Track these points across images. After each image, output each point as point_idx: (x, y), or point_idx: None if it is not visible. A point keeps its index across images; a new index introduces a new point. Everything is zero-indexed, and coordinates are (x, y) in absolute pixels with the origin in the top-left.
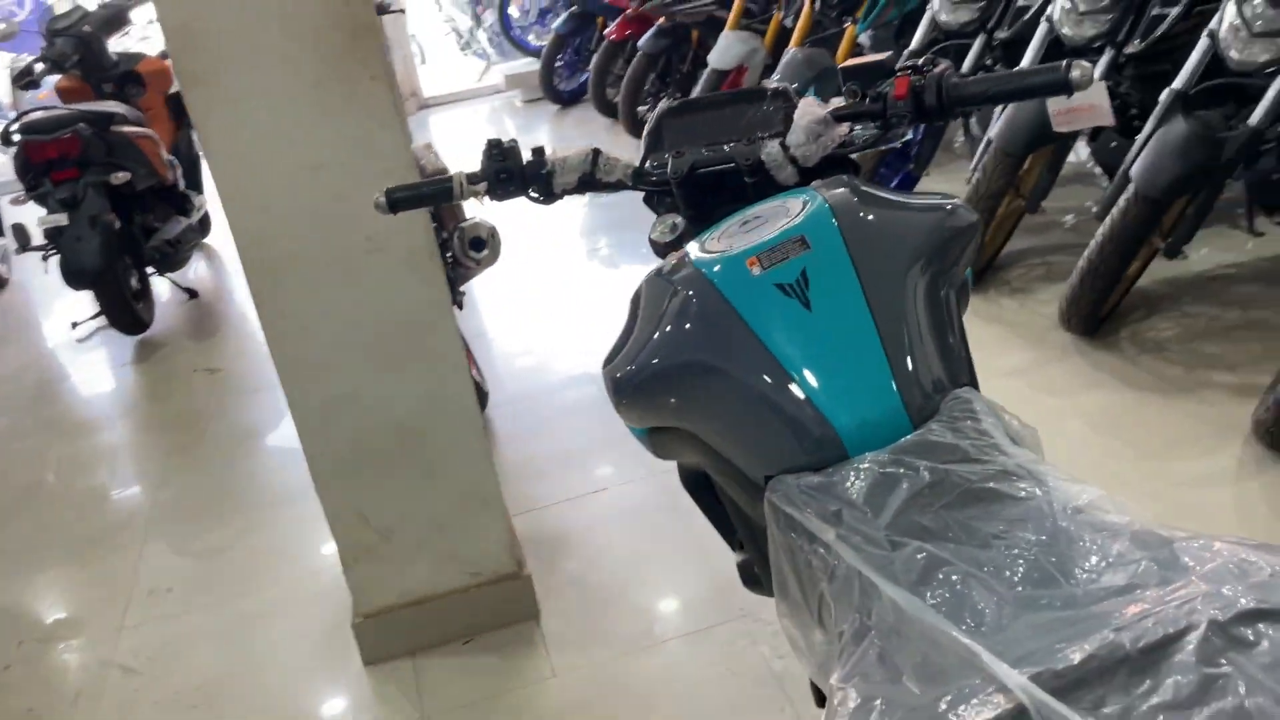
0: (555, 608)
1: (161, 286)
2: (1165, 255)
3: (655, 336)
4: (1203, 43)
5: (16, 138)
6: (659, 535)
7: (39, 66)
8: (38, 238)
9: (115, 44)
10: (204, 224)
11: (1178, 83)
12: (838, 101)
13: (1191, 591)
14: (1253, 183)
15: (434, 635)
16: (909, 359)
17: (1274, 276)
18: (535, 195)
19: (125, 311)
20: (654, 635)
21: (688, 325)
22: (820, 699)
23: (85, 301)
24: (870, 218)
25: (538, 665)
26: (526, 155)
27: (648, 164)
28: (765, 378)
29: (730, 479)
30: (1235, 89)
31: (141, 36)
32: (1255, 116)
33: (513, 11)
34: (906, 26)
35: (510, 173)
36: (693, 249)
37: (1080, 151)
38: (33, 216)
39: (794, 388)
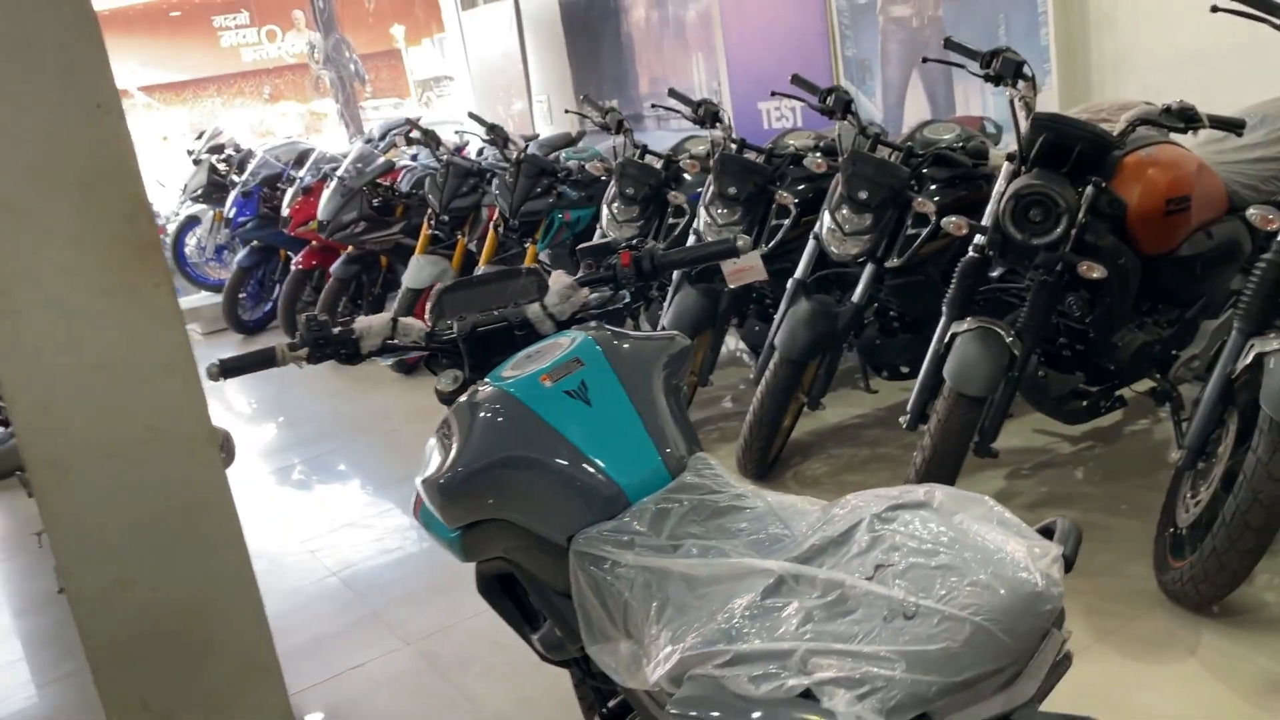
0: None
1: None
2: (809, 408)
3: (470, 445)
4: (811, 242)
5: None
6: (436, 693)
7: None
8: None
9: None
10: None
11: (798, 273)
12: (578, 275)
13: (857, 504)
14: (863, 349)
15: None
16: (663, 434)
17: (890, 421)
18: (345, 354)
19: None
20: None
21: (498, 431)
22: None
23: None
24: (623, 345)
25: None
26: (337, 329)
27: (437, 328)
28: (565, 458)
29: (534, 554)
30: (840, 276)
31: None
32: (855, 296)
33: (189, 249)
34: (578, 241)
35: (326, 340)
36: (490, 380)
37: (729, 342)
38: None
39: (586, 463)
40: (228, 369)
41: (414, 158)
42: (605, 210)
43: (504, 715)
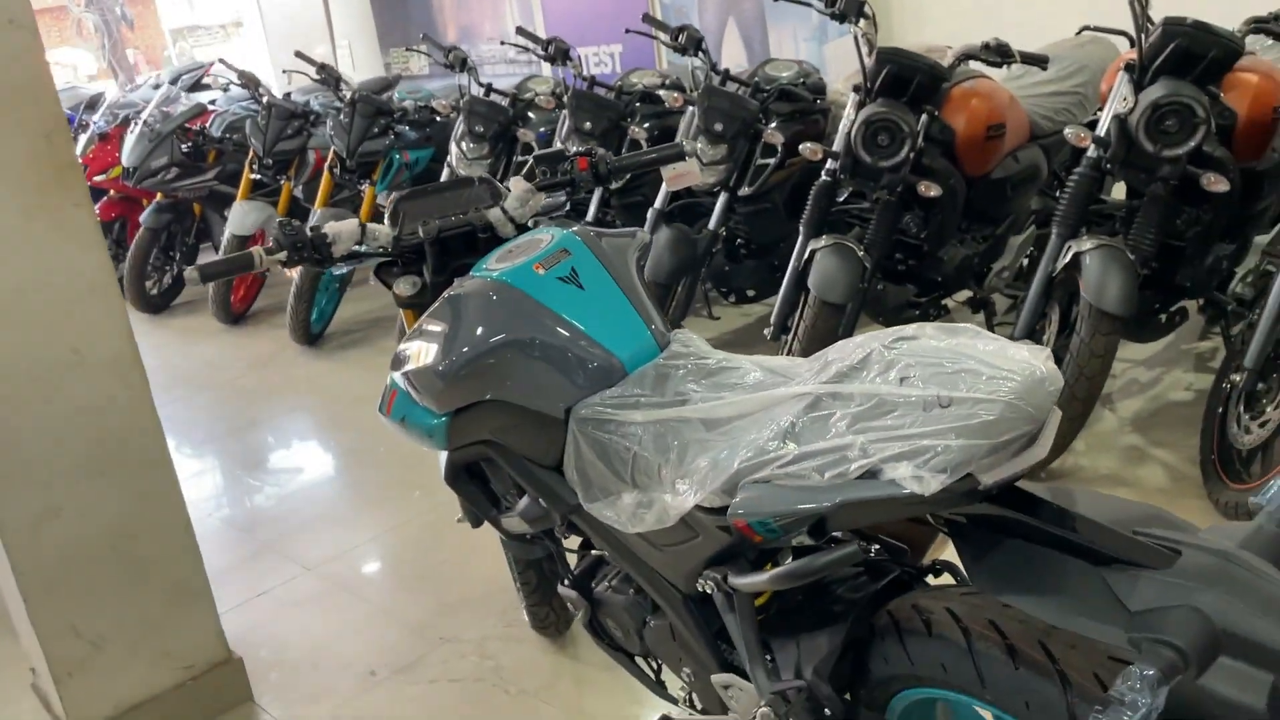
0: (270, 685)
1: None
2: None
3: (470, 331)
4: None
5: None
6: (347, 607)
7: None
8: None
9: None
10: None
11: (657, 203)
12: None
13: (859, 342)
14: (711, 276)
15: None
16: (648, 313)
17: (736, 344)
18: (319, 258)
19: None
20: (373, 679)
21: (497, 315)
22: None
23: None
24: (599, 238)
25: None
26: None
27: (403, 233)
28: (565, 336)
29: (524, 430)
30: (697, 205)
31: None
32: (711, 223)
33: None
34: (416, 182)
35: (302, 244)
36: (477, 274)
37: None
38: None
39: (585, 339)
40: (207, 274)
41: (213, 102)
42: (454, 148)
43: (425, 622)
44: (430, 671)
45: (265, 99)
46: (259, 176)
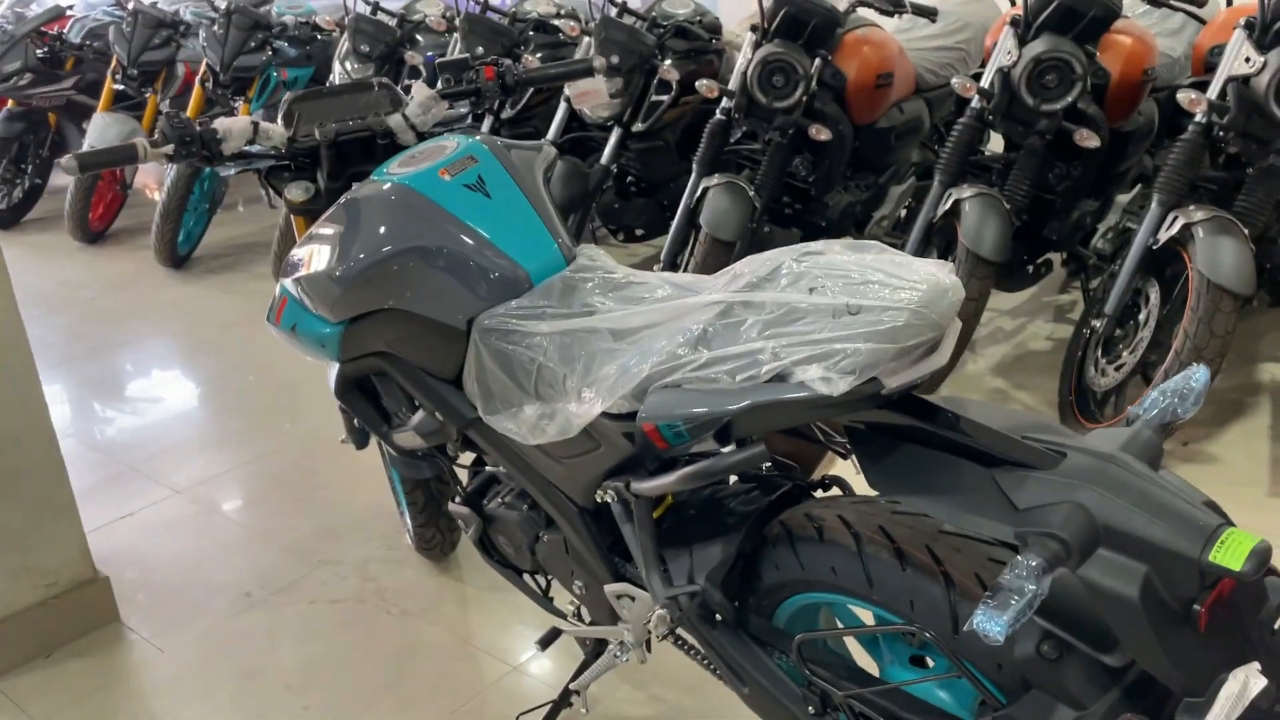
0: (138, 605)
1: None
2: None
3: (371, 236)
4: (562, 105)
5: None
6: (221, 530)
7: None
8: None
9: None
10: None
11: (550, 134)
12: (439, 87)
13: (767, 257)
14: (601, 212)
15: (13, 656)
16: (555, 226)
17: None
18: (207, 155)
19: None
20: (248, 600)
21: (400, 220)
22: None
23: None
24: (506, 148)
25: (141, 650)
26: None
27: (299, 134)
28: (470, 244)
29: (423, 340)
30: (589, 140)
31: None
32: (604, 158)
33: None
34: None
35: (191, 138)
36: (379, 177)
37: None
38: None
39: (490, 249)
40: (86, 163)
41: (71, 7)
42: (338, 67)
43: (304, 545)
44: (309, 593)
45: (132, 5)
46: (122, 88)
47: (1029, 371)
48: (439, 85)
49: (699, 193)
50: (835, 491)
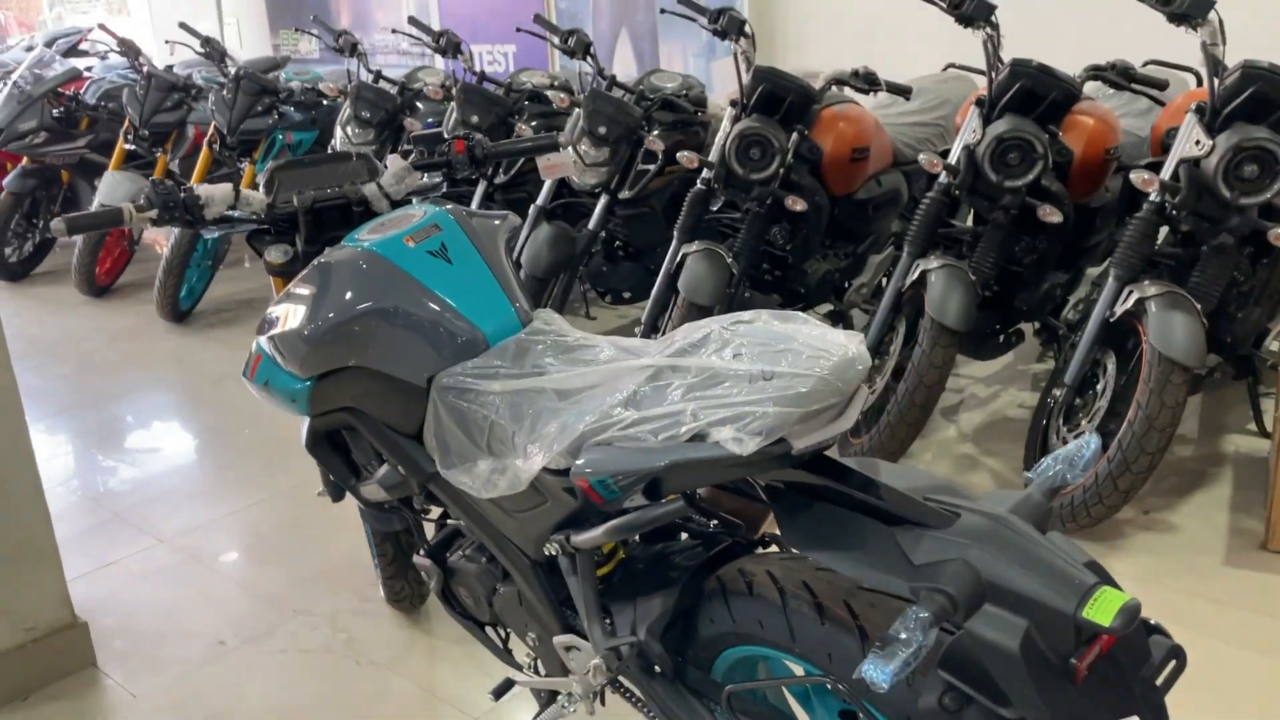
0: (115, 651)
1: None
2: None
3: (337, 297)
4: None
5: None
6: (200, 579)
7: None
8: None
9: None
10: None
11: (539, 200)
12: (412, 158)
13: (700, 324)
14: (590, 275)
15: None
16: (513, 291)
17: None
18: (190, 220)
19: None
20: (221, 649)
21: (365, 283)
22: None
23: None
24: (470, 217)
25: (115, 695)
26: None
27: (278, 201)
28: (430, 307)
29: (386, 397)
30: (579, 205)
31: None
32: (591, 223)
33: None
34: None
35: (175, 204)
36: (349, 243)
37: None
38: None
39: (450, 312)
40: (75, 226)
41: (89, 69)
42: (340, 132)
43: (279, 594)
44: (280, 642)
45: (145, 69)
46: (134, 147)
47: (999, 438)
48: (412, 157)
49: (679, 259)
50: (774, 549)
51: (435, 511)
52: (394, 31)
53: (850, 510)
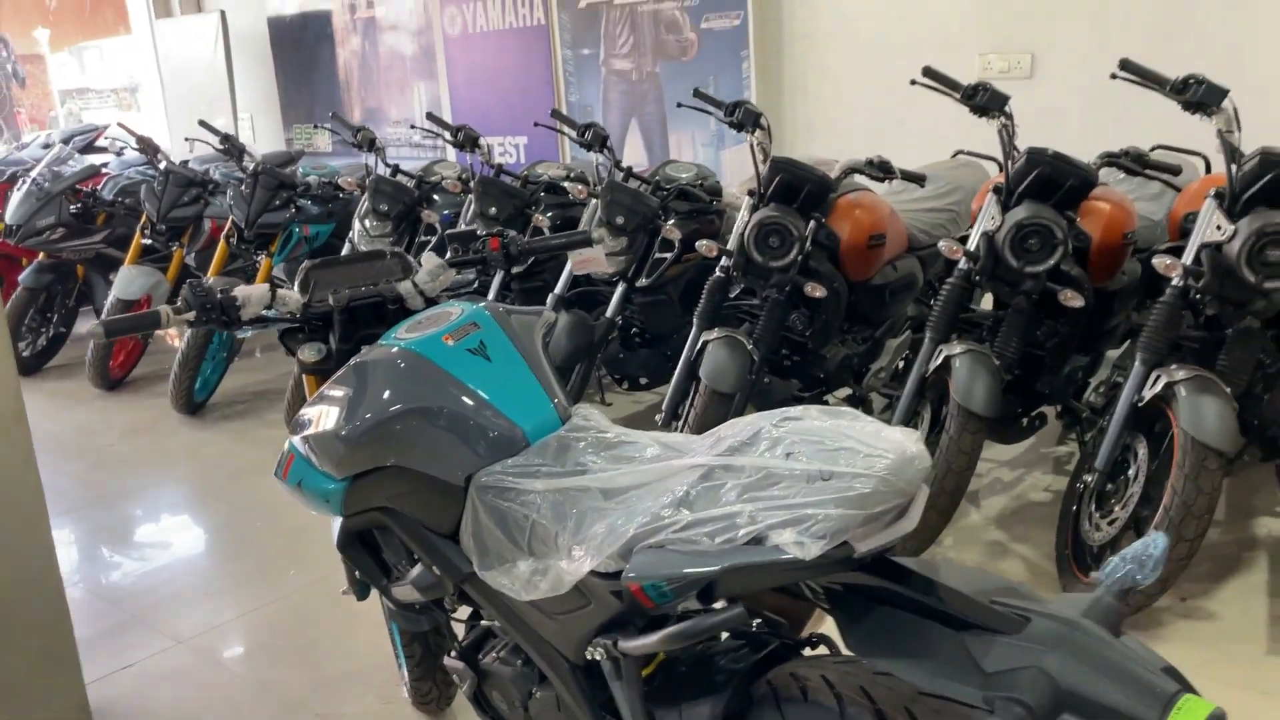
0: None
1: None
2: None
3: (375, 396)
4: (569, 262)
5: None
6: (219, 681)
7: None
8: None
9: None
10: None
11: (557, 289)
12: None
13: (747, 421)
14: (607, 362)
15: None
16: (552, 387)
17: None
18: (226, 320)
19: None
20: None
21: (403, 382)
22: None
23: None
24: (508, 315)
25: None
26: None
27: (313, 300)
28: (469, 405)
29: (422, 497)
30: (594, 294)
31: None
32: (609, 311)
33: None
34: (314, 256)
35: (211, 305)
36: (386, 342)
37: None
38: None
39: (490, 409)
40: (112, 329)
41: (105, 165)
42: (358, 224)
43: (301, 697)
44: None
45: (164, 165)
46: (150, 241)
47: (1027, 523)
48: (448, 254)
49: (699, 346)
50: (822, 649)
51: (463, 610)
52: (413, 127)
53: (914, 614)
